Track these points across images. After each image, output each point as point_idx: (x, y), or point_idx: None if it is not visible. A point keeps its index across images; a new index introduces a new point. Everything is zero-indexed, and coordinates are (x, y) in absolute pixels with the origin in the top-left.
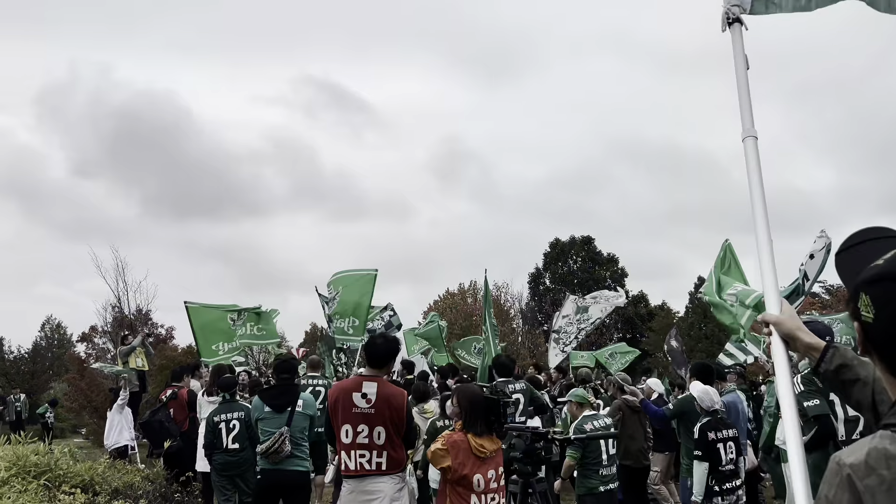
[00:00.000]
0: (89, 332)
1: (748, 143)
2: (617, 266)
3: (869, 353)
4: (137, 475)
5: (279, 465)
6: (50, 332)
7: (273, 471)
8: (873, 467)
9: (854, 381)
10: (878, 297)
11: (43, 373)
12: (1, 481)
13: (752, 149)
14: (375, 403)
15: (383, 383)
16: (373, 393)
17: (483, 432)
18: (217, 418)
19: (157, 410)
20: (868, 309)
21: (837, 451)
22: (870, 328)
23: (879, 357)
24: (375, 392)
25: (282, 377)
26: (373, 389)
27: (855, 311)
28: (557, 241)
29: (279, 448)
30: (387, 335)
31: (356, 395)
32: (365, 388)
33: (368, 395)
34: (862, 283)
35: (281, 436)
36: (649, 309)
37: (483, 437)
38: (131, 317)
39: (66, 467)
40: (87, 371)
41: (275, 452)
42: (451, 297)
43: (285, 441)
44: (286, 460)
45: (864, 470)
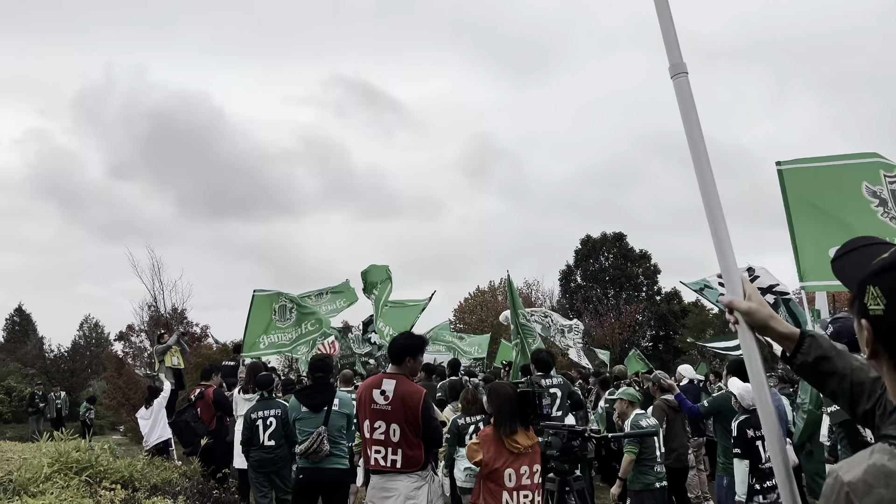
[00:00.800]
0: (126, 331)
1: (680, 82)
2: (649, 262)
3: (877, 354)
4: (175, 472)
5: (318, 464)
6: (88, 331)
7: (312, 469)
8: (871, 485)
9: (831, 374)
10: (889, 286)
11: (82, 371)
12: (44, 477)
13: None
14: (392, 401)
15: (402, 381)
16: (390, 390)
17: (514, 431)
18: (254, 415)
19: (184, 410)
20: (878, 301)
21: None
22: (880, 321)
23: (890, 353)
24: (393, 389)
25: (316, 376)
26: (391, 387)
27: (861, 307)
28: (589, 238)
29: (318, 448)
30: (408, 333)
31: (376, 392)
32: (384, 386)
33: (387, 392)
34: (869, 276)
35: (319, 436)
36: (682, 306)
37: (518, 432)
38: (167, 316)
39: (107, 464)
40: (124, 369)
41: (314, 452)
42: (482, 295)
43: (324, 441)
44: (325, 459)
45: (861, 488)
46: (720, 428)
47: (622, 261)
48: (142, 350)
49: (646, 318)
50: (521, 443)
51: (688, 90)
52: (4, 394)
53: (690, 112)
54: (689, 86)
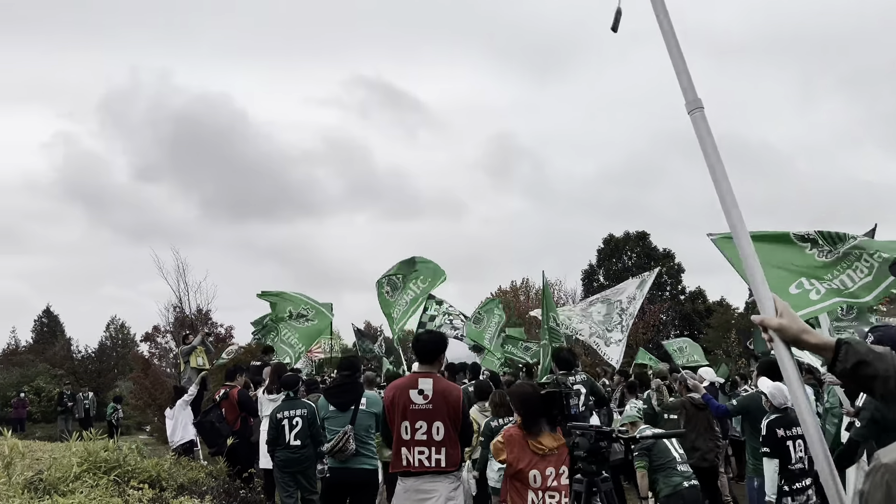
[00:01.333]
0: (152, 331)
1: (696, 116)
2: (673, 262)
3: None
4: (201, 472)
5: (346, 464)
6: (114, 332)
7: (341, 469)
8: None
9: (873, 377)
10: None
11: (109, 371)
12: (74, 476)
13: (701, 122)
14: (433, 399)
15: (438, 378)
16: (429, 389)
17: (539, 431)
18: (280, 415)
19: (209, 411)
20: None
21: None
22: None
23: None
24: (431, 388)
25: (344, 374)
26: (429, 385)
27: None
28: (611, 237)
29: (343, 447)
30: (432, 330)
31: (413, 392)
32: (421, 385)
33: (425, 391)
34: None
35: (345, 434)
36: (707, 305)
37: (543, 434)
38: (192, 317)
39: (134, 463)
40: (150, 370)
41: (339, 451)
42: (503, 295)
43: (349, 439)
44: (353, 458)
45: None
46: (749, 428)
47: (645, 260)
48: (167, 351)
49: (670, 318)
50: (546, 444)
51: (705, 125)
52: (34, 394)
53: (709, 145)
54: (706, 121)
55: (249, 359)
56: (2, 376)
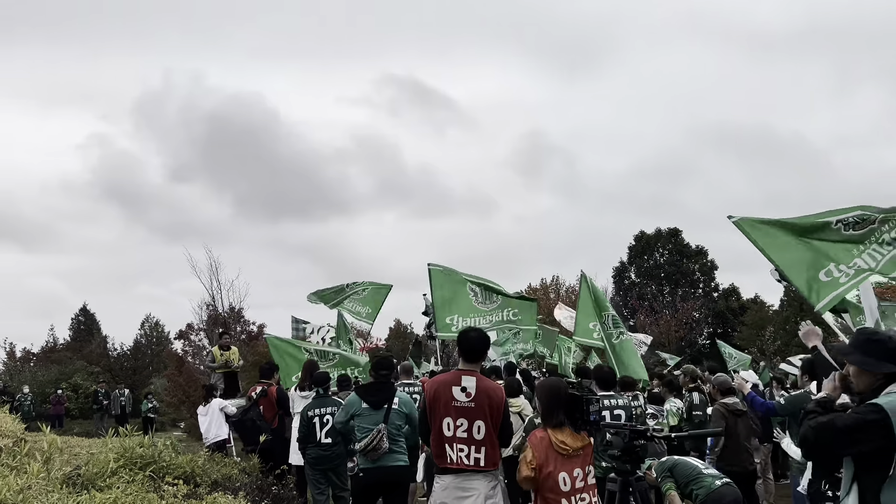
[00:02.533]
0: (186, 329)
1: None
2: (706, 259)
3: None
4: (235, 468)
5: (379, 463)
6: (149, 330)
7: (374, 469)
8: None
9: None
10: None
11: (143, 369)
12: (110, 472)
13: None
14: (475, 397)
15: (481, 378)
16: (472, 387)
17: (562, 424)
18: (311, 413)
19: (249, 409)
20: None
21: None
22: None
23: None
24: (475, 386)
25: (381, 374)
26: (472, 383)
27: None
28: (643, 234)
29: (377, 445)
30: (479, 328)
31: (456, 389)
32: (464, 382)
33: (468, 388)
34: None
35: (379, 433)
36: (741, 303)
37: (564, 431)
38: (224, 314)
39: (169, 459)
40: (184, 367)
41: (373, 450)
42: (534, 293)
43: (383, 438)
44: (385, 456)
45: None
46: (797, 429)
47: (677, 257)
48: (201, 348)
49: (703, 316)
50: (570, 444)
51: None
52: (71, 391)
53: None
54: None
55: None
56: (41, 373)
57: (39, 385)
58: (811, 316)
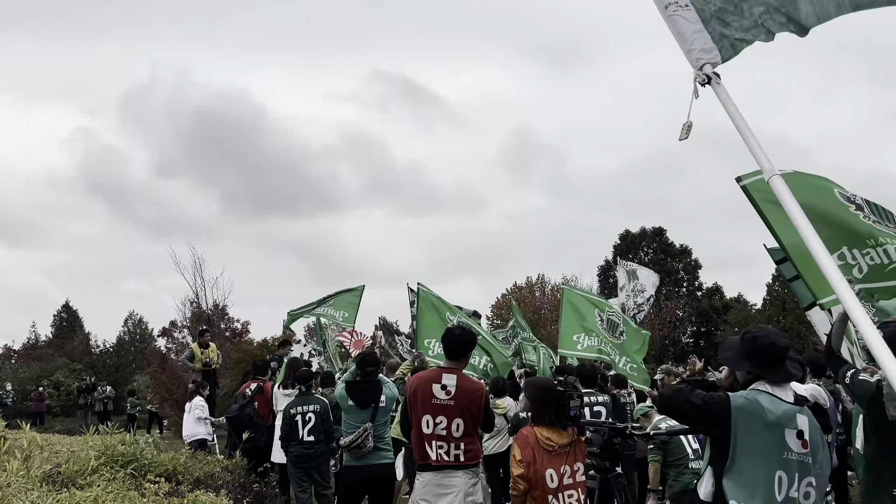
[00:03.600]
0: (169, 326)
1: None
2: (690, 258)
3: None
4: (217, 466)
5: (364, 461)
6: (132, 326)
7: (358, 468)
8: None
9: None
10: None
11: (127, 366)
12: (91, 469)
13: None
14: (455, 395)
15: (462, 376)
16: (452, 385)
17: (551, 423)
18: (293, 410)
19: (246, 405)
20: None
21: None
22: None
23: None
24: (455, 384)
25: (367, 370)
26: (452, 381)
27: None
28: (628, 233)
29: (363, 443)
30: (464, 326)
31: (436, 387)
32: (445, 380)
33: (448, 386)
34: None
35: (365, 431)
36: (724, 302)
37: (551, 429)
38: (209, 312)
39: (151, 457)
40: (167, 364)
41: (357, 448)
42: (519, 291)
43: (369, 437)
44: (370, 455)
45: None
46: None
47: (662, 256)
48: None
49: (686, 314)
50: (555, 441)
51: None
52: (53, 388)
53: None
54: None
55: (264, 354)
56: (22, 370)
57: (21, 382)
58: (794, 315)
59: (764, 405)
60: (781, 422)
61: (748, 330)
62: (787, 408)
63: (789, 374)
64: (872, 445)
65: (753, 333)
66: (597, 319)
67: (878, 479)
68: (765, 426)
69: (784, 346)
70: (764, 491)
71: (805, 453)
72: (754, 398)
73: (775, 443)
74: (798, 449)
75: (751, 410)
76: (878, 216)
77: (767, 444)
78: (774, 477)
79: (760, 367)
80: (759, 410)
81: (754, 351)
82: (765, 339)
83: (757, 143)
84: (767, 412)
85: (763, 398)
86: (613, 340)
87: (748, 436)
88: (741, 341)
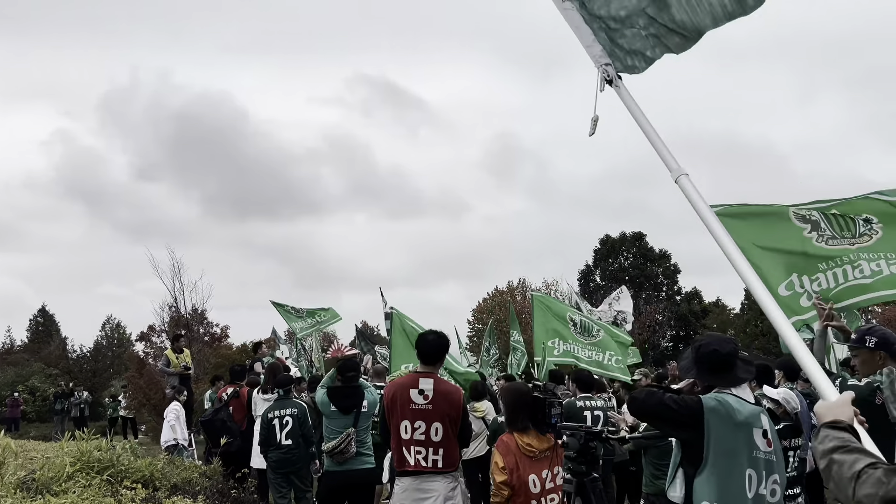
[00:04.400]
0: (147, 331)
1: (682, 181)
2: (669, 262)
3: None
4: (195, 471)
5: (345, 466)
6: (110, 331)
7: (339, 473)
8: None
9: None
10: None
11: (104, 371)
12: (66, 476)
13: (689, 185)
14: (433, 399)
15: (439, 380)
16: (429, 389)
17: (527, 428)
18: (271, 415)
19: (220, 409)
20: None
21: None
22: None
23: None
24: (432, 388)
25: (348, 375)
26: (429, 386)
27: None
28: (608, 238)
29: (345, 448)
30: (438, 331)
31: (413, 392)
32: (422, 385)
33: (425, 391)
34: None
35: (348, 436)
36: (703, 306)
37: (529, 434)
38: (187, 316)
39: (128, 463)
40: (145, 369)
41: (340, 453)
42: (500, 295)
43: (351, 442)
44: (351, 460)
45: None
46: None
47: (641, 260)
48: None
49: (666, 319)
50: (536, 446)
51: (692, 188)
52: (28, 394)
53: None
54: (692, 184)
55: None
56: None
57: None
58: None
59: (733, 406)
60: (750, 421)
61: (696, 339)
62: (753, 408)
63: (737, 378)
64: None
65: (699, 342)
66: (569, 324)
67: None
68: (735, 426)
69: (727, 351)
70: (736, 490)
71: (770, 451)
72: (724, 399)
73: (745, 442)
74: (764, 448)
75: (722, 411)
76: (835, 230)
77: (738, 444)
78: (745, 475)
79: (707, 373)
80: (730, 411)
81: (699, 359)
82: (707, 347)
83: (663, 145)
84: (737, 412)
85: (731, 399)
86: (590, 340)
87: (721, 436)
88: (691, 351)
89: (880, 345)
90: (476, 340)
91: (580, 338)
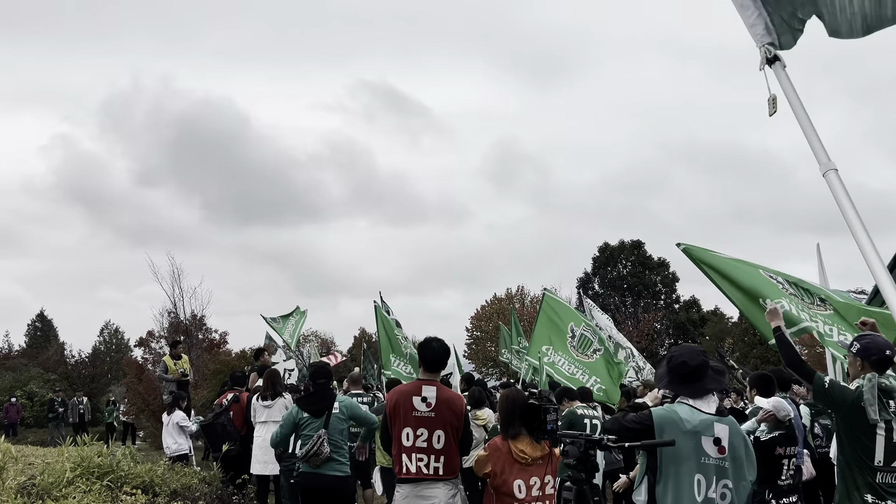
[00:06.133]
0: (146, 337)
1: (830, 177)
2: (668, 270)
3: None
4: (195, 477)
5: (319, 470)
6: (108, 336)
7: (311, 475)
8: None
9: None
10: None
11: (102, 377)
12: (66, 482)
13: (836, 181)
14: (435, 407)
15: (441, 388)
16: (432, 397)
17: (519, 434)
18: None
19: (220, 414)
20: None
21: None
22: None
23: None
24: (435, 396)
25: (319, 382)
26: (432, 393)
27: None
28: (607, 246)
29: (318, 450)
30: (440, 339)
31: (416, 399)
32: (425, 392)
33: (428, 398)
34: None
35: (319, 438)
36: (701, 314)
37: (523, 441)
38: (186, 322)
39: (128, 469)
40: (144, 375)
41: (314, 455)
42: (499, 303)
43: (324, 443)
44: (325, 464)
45: None
46: None
47: (640, 268)
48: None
49: (664, 327)
50: (529, 453)
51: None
52: (26, 399)
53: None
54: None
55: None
56: None
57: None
58: None
59: (682, 415)
60: (698, 429)
61: (670, 350)
62: (705, 417)
63: (704, 389)
64: (846, 453)
65: (671, 354)
66: (568, 334)
67: (850, 485)
68: (683, 434)
69: (696, 363)
70: (686, 493)
71: (722, 458)
72: (673, 409)
73: (694, 449)
74: (714, 454)
75: (670, 420)
76: (798, 289)
77: (686, 451)
78: (694, 480)
79: (678, 383)
80: (677, 420)
81: (671, 370)
82: (678, 359)
83: (815, 135)
84: (685, 421)
85: (682, 409)
86: (582, 358)
87: None
88: (665, 361)
89: (860, 352)
90: (475, 348)
91: (573, 352)
